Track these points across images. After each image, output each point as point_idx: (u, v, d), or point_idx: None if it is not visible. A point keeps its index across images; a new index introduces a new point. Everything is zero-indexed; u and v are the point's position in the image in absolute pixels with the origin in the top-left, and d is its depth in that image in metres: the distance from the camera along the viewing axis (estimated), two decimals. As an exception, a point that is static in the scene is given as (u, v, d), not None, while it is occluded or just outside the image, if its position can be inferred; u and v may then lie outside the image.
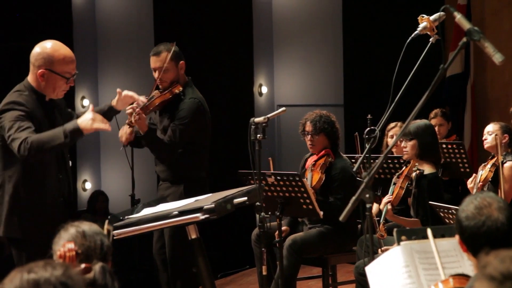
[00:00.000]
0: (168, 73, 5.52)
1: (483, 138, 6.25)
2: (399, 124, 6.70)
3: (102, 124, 4.33)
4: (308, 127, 6.05)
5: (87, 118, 4.30)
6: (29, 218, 4.43)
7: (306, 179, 5.80)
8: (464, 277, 2.66)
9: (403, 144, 5.63)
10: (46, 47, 4.48)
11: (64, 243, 2.64)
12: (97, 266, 2.59)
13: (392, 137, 6.78)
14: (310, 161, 6.08)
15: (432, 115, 7.51)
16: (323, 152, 6.02)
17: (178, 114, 5.49)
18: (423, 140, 5.49)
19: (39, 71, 4.44)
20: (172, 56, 5.50)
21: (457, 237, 2.69)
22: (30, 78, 4.53)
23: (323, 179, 5.90)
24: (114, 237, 4.24)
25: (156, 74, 5.54)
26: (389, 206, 5.43)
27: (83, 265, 2.58)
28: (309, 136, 6.04)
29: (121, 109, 4.96)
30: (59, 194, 4.57)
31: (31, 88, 4.49)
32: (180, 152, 5.51)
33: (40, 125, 4.41)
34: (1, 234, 4.48)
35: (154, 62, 5.56)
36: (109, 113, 4.85)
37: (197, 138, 5.55)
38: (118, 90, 4.87)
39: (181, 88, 5.53)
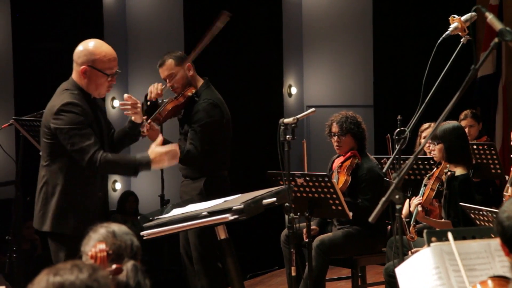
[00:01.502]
0: (177, 79, 5.54)
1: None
2: (432, 124, 6.66)
3: (173, 161, 4.49)
4: (335, 128, 6.04)
5: (162, 153, 4.44)
6: (77, 213, 4.46)
7: (333, 181, 5.80)
8: (504, 279, 2.63)
9: (431, 147, 5.60)
10: (89, 45, 4.54)
11: (95, 243, 2.65)
12: (129, 264, 2.61)
13: (425, 138, 6.74)
14: (337, 162, 6.07)
15: (462, 116, 7.44)
16: (349, 153, 6.00)
17: (194, 117, 5.50)
18: (450, 144, 5.45)
19: (81, 68, 4.50)
20: (175, 61, 5.53)
21: (499, 240, 2.65)
22: (74, 76, 4.58)
23: (349, 181, 5.89)
24: (144, 238, 4.26)
25: (167, 84, 5.57)
26: (419, 208, 5.40)
27: (114, 266, 2.60)
28: (335, 137, 6.03)
29: (140, 121, 4.80)
30: (101, 191, 4.63)
31: (77, 85, 4.54)
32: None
33: (91, 126, 4.46)
34: (48, 229, 4.50)
35: (161, 73, 5.60)
36: (134, 129, 4.79)
37: (216, 137, 5.55)
38: (125, 95, 4.79)
39: (194, 90, 5.54)
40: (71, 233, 4.42)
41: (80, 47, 4.55)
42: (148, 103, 5.53)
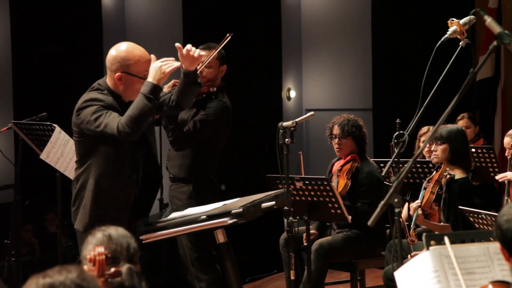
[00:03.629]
0: (210, 70, 5.56)
1: (506, 153, 6.23)
2: (431, 128, 6.67)
3: (171, 64, 4.31)
4: (336, 130, 6.04)
5: (155, 68, 4.28)
6: (110, 211, 4.41)
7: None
8: (504, 284, 2.63)
9: (433, 147, 5.60)
10: (121, 49, 4.45)
11: (94, 247, 2.66)
12: (124, 268, 2.62)
13: (424, 141, 6.74)
14: (337, 166, 6.07)
15: (459, 117, 7.48)
16: (349, 157, 6.00)
17: (204, 111, 5.51)
18: (454, 145, 5.47)
19: (116, 75, 4.41)
20: (219, 55, 5.55)
21: (498, 245, 2.65)
22: (108, 81, 4.49)
23: (349, 185, 5.89)
24: (143, 242, 4.25)
25: (199, 67, 5.55)
26: (419, 211, 5.40)
27: (113, 269, 2.60)
28: (336, 140, 6.03)
29: (192, 68, 4.53)
30: (132, 193, 4.51)
31: (108, 88, 4.46)
32: (193, 151, 5.51)
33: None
34: (81, 226, 4.45)
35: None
36: (189, 79, 4.57)
37: (213, 139, 5.55)
38: (177, 44, 4.55)
39: (215, 89, 5.58)
40: (83, 230, 4.39)
41: (113, 52, 4.45)
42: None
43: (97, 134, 4.34)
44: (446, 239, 2.85)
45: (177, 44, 4.50)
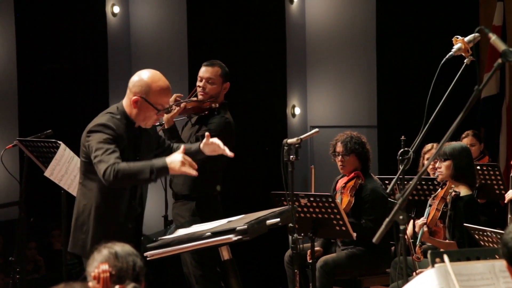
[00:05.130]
0: (213, 86, 5.61)
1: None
2: (435, 145, 6.67)
3: (190, 169, 4.28)
4: (339, 147, 6.05)
5: (177, 160, 4.27)
6: (111, 235, 4.43)
7: (336, 201, 5.79)
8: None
9: (437, 164, 5.60)
10: (146, 75, 4.50)
11: (99, 264, 2.65)
12: (129, 287, 2.61)
13: (428, 159, 6.74)
14: (340, 183, 6.07)
15: (464, 135, 7.47)
16: (353, 174, 6.00)
17: (207, 126, 5.53)
18: (458, 162, 5.46)
19: (134, 98, 4.46)
20: (222, 72, 5.61)
21: (504, 263, 2.63)
22: (124, 102, 4.55)
23: (352, 202, 5.88)
24: (148, 259, 4.25)
25: (201, 83, 5.63)
26: (425, 228, 5.39)
27: (117, 287, 2.60)
28: (339, 157, 6.03)
29: (208, 155, 4.77)
30: (129, 220, 4.56)
31: (124, 112, 4.51)
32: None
33: (124, 151, 4.41)
34: (79, 250, 4.49)
35: (205, 71, 5.68)
36: (196, 155, 4.73)
37: (216, 155, 5.54)
38: (206, 133, 4.73)
39: (217, 105, 5.61)
40: (80, 254, 4.45)
41: (136, 77, 4.52)
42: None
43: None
44: (446, 257, 2.84)
45: (206, 133, 4.70)
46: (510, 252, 2.60)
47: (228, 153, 4.66)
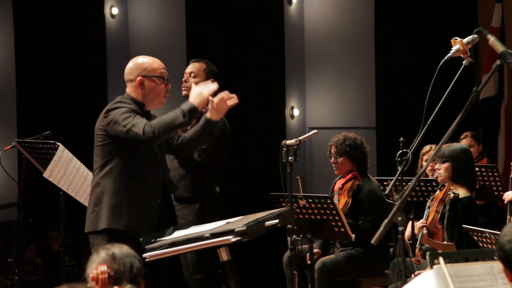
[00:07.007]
0: (195, 80, 5.48)
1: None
2: (433, 147, 6.67)
3: (211, 87, 4.61)
4: (333, 149, 6.07)
5: (196, 93, 4.57)
6: (130, 211, 4.61)
7: (334, 202, 5.79)
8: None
9: (436, 166, 5.60)
10: (134, 60, 4.83)
11: (97, 265, 2.66)
12: (126, 288, 2.61)
13: (426, 160, 6.74)
14: (338, 184, 6.07)
15: (462, 136, 7.48)
16: (350, 175, 6.01)
17: None
18: (457, 163, 5.46)
19: (138, 79, 4.71)
20: (206, 69, 5.55)
21: (501, 265, 2.63)
22: (128, 91, 4.77)
23: (350, 203, 5.88)
24: (146, 260, 4.25)
25: (184, 78, 5.60)
26: (424, 231, 5.39)
27: (115, 288, 2.60)
28: (332, 158, 6.06)
29: (217, 119, 4.80)
30: (158, 194, 4.77)
31: (132, 98, 4.73)
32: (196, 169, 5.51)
33: None
34: (104, 226, 4.60)
35: (189, 67, 5.66)
36: (207, 127, 4.82)
37: (215, 155, 5.53)
38: (210, 98, 4.70)
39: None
40: (124, 229, 4.58)
41: (130, 64, 4.80)
42: None
43: (120, 135, 4.54)
44: (441, 259, 2.84)
45: (210, 98, 4.70)
46: (506, 255, 2.60)
47: (234, 96, 4.77)
